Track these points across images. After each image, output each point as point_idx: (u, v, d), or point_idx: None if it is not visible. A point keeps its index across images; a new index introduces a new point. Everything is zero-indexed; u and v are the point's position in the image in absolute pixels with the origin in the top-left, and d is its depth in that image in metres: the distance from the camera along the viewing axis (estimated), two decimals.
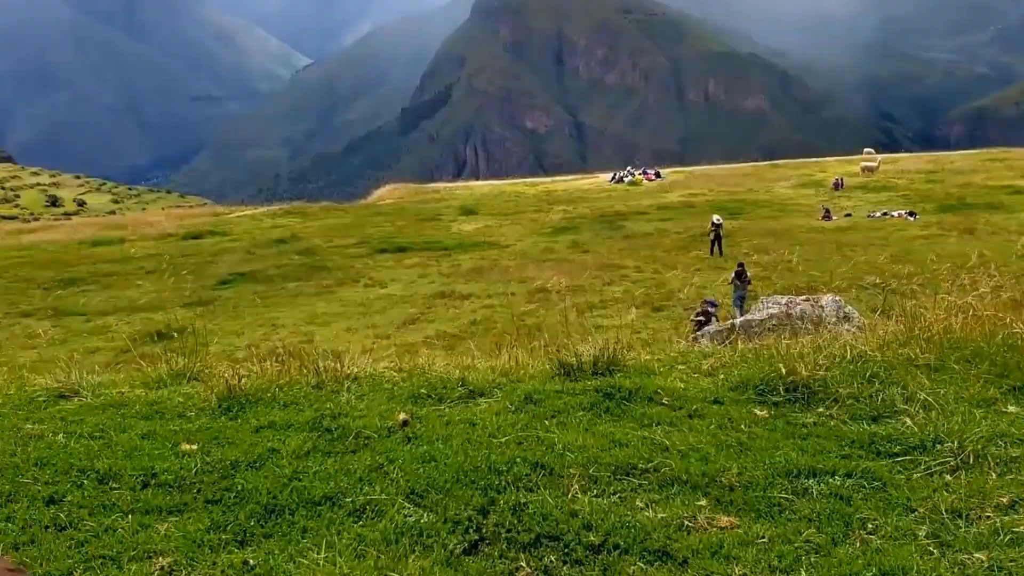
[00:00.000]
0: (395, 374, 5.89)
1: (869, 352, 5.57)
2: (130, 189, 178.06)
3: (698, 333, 18.26)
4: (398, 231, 42.83)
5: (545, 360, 5.98)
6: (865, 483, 3.87)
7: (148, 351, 22.65)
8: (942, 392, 4.86)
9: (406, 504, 3.69)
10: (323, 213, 51.01)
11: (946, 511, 3.58)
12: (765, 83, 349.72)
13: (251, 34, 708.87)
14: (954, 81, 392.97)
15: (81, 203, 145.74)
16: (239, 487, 3.93)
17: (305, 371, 5.95)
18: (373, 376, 5.91)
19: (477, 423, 4.69)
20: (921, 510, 3.61)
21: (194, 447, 4.42)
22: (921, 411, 4.60)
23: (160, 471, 4.11)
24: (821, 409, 4.77)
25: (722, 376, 5.47)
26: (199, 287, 31.58)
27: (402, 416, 4.74)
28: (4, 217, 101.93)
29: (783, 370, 5.06)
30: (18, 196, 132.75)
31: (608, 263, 32.00)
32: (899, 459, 4.11)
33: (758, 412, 4.75)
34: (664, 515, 3.59)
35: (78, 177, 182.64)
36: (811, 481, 3.89)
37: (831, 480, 3.89)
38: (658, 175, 61.47)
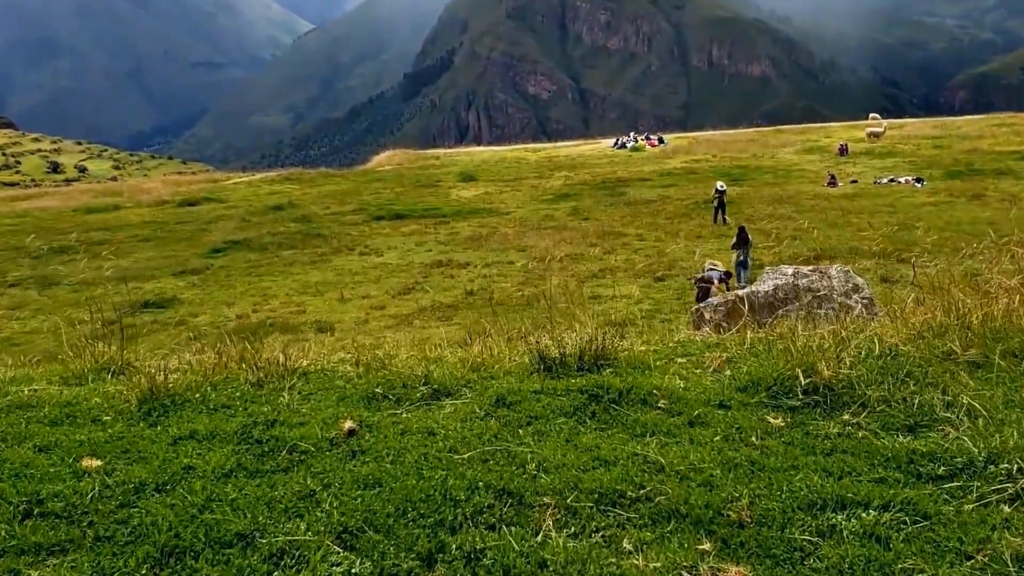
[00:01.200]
0: (350, 369, 5.13)
1: (900, 346, 4.79)
2: (131, 155, 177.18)
3: (701, 305, 17.56)
4: (396, 198, 41.99)
5: (524, 351, 5.21)
6: (906, 518, 3.11)
7: (135, 322, 22.08)
8: (989, 395, 4.07)
9: (335, 547, 2.95)
10: (321, 179, 50.11)
11: (1011, 559, 2.84)
12: (769, 49, 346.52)
13: (253, 0, 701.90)
14: (959, 46, 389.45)
15: (83, 169, 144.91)
16: (138, 520, 3.18)
17: (245, 366, 5.19)
18: (324, 371, 5.16)
19: (438, 433, 3.94)
20: (979, 557, 2.86)
21: (98, 463, 3.67)
22: (966, 419, 3.83)
23: (48, 496, 3.36)
24: (847, 416, 3.98)
25: (729, 373, 4.69)
26: (192, 255, 30.97)
27: (348, 424, 3.98)
28: (4, 184, 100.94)
29: (800, 372, 4.27)
30: (19, 163, 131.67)
31: (609, 231, 31.21)
32: (945, 484, 3.36)
33: (772, 420, 3.98)
34: (658, 564, 2.84)
35: (79, 143, 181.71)
36: (839, 516, 3.13)
37: (864, 515, 3.12)
38: (661, 141, 60.42)
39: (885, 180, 38.90)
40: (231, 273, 27.54)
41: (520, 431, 3.92)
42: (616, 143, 60.99)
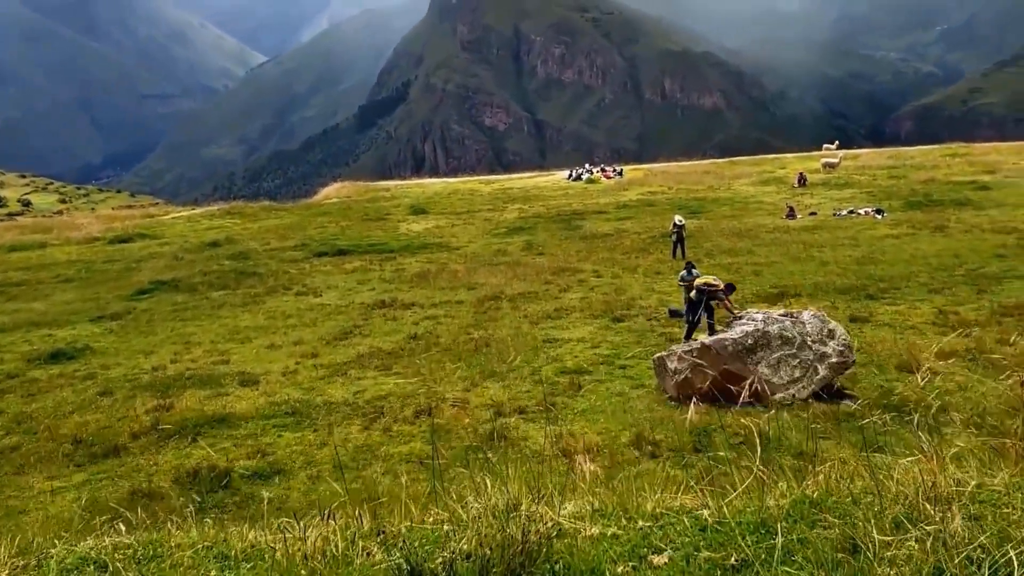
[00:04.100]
0: None
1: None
2: (78, 188, 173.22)
3: (664, 354, 15.96)
4: (341, 232, 40.14)
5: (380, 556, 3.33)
6: None
7: (39, 375, 19.90)
8: None
9: None
10: (263, 213, 48.08)
11: None
12: (720, 81, 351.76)
13: (206, 31, 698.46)
14: (903, 79, 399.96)
15: (26, 203, 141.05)
16: None
17: None
18: None
19: None
20: None
21: None
22: None
23: None
24: None
25: None
26: (114, 297, 28.78)
27: None
28: None
29: None
30: None
31: (564, 266, 29.67)
32: None
33: None
34: None
35: (23, 176, 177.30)
36: None
37: None
38: (617, 172, 59.40)
39: (845, 212, 38.02)
40: (154, 318, 25.39)
41: None
42: (571, 175, 59.89)
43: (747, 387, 14.84)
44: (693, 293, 18.12)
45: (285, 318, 24.37)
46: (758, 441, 4.37)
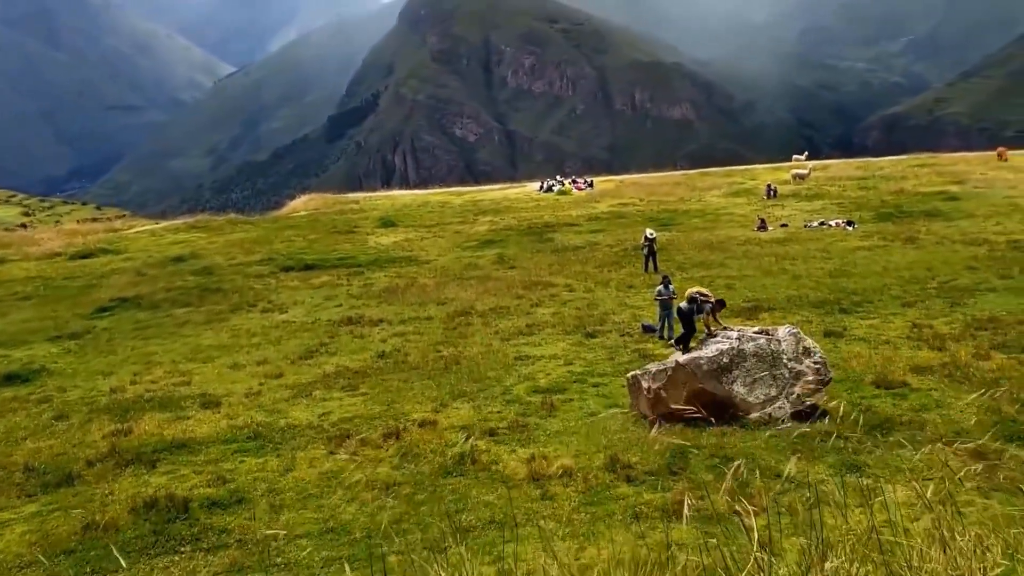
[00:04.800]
0: None
1: None
2: (42, 201, 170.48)
3: (638, 372, 15.61)
4: (309, 246, 39.52)
5: None
6: None
7: None
8: None
9: None
10: (229, 227, 47.26)
11: None
12: (690, 92, 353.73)
13: (173, 42, 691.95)
14: (870, 89, 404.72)
15: None
16: None
17: None
18: None
19: None
20: None
21: None
22: None
23: None
24: None
25: None
26: (74, 316, 28.03)
27: None
28: None
29: None
30: None
31: (536, 280, 29.32)
32: None
33: None
34: None
35: None
36: None
37: None
38: (589, 184, 59.23)
39: (816, 223, 38.03)
40: (114, 336, 24.69)
41: None
42: (542, 186, 59.59)
43: (723, 407, 14.60)
44: (684, 303, 17.74)
45: (249, 336, 23.79)
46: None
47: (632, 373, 15.39)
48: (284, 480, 13.41)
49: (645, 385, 14.64)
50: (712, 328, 16.30)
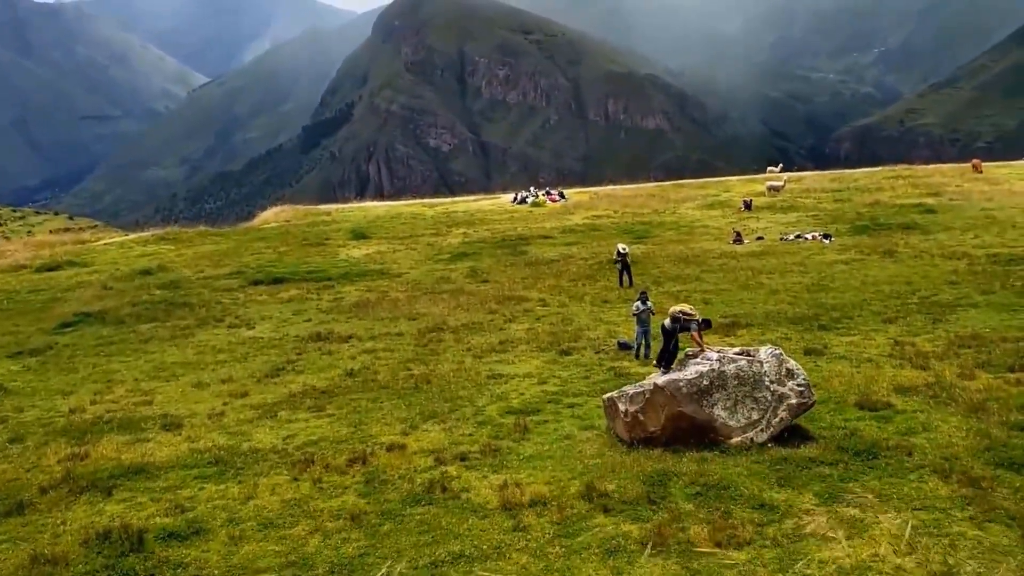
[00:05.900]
0: None
1: None
2: (14, 211, 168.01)
3: (614, 395, 15.12)
4: (279, 259, 38.78)
5: None
6: None
7: None
8: None
9: None
10: (199, 239, 46.38)
11: None
12: (663, 103, 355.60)
13: (147, 52, 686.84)
14: (842, 100, 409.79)
15: None
16: None
17: None
18: None
19: None
20: None
21: None
22: None
23: None
24: None
25: None
26: (36, 331, 27.16)
27: None
28: None
29: None
30: None
31: (510, 295, 28.79)
32: None
33: None
34: None
35: None
36: None
37: None
38: (562, 195, 58.89)
39: (792, 237, 37.81)
40: (76, 353, 23.88)
41: None
42: (516, 198, 59.17)
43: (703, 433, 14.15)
44: (667, 321, 17.14)
45: (215, 353, 23.07)
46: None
47: (608, 395, 14.89)
48: (245, 509, 12.79)
49: (622, 408, 14.16)
50: (701, 347, 15.75)
